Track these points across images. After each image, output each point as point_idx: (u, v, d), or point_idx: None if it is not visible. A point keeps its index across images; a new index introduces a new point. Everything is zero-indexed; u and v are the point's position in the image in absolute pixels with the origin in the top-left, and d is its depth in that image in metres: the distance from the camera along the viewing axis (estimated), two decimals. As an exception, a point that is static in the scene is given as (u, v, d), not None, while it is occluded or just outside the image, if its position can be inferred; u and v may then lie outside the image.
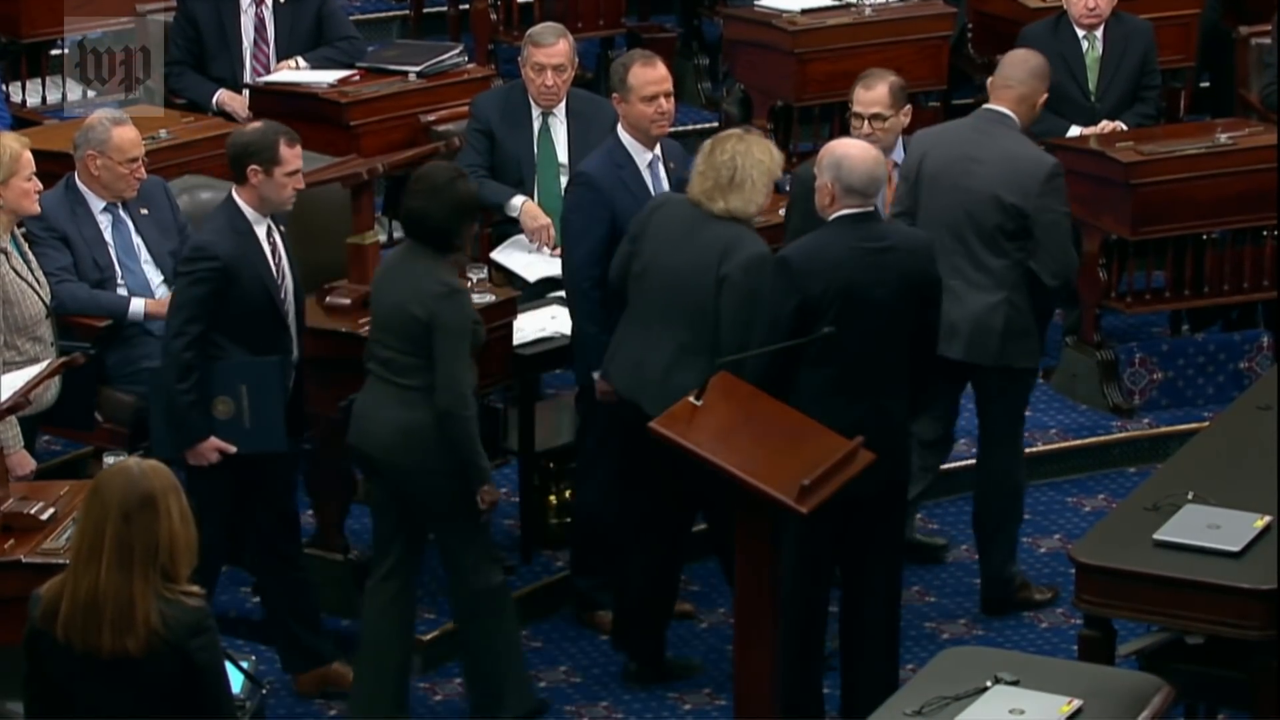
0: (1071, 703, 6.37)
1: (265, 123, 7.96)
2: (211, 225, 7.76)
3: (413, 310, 7.51)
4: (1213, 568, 7.15)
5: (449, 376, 7.50)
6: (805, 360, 7.39)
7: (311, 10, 9.86)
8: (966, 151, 8.24)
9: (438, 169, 7.83)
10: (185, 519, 5.51)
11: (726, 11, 10.52)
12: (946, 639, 8.25)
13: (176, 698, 5.50)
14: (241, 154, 7.70)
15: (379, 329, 7.68)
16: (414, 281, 7.55)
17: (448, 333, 7.50)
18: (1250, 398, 8.31)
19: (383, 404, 7.62)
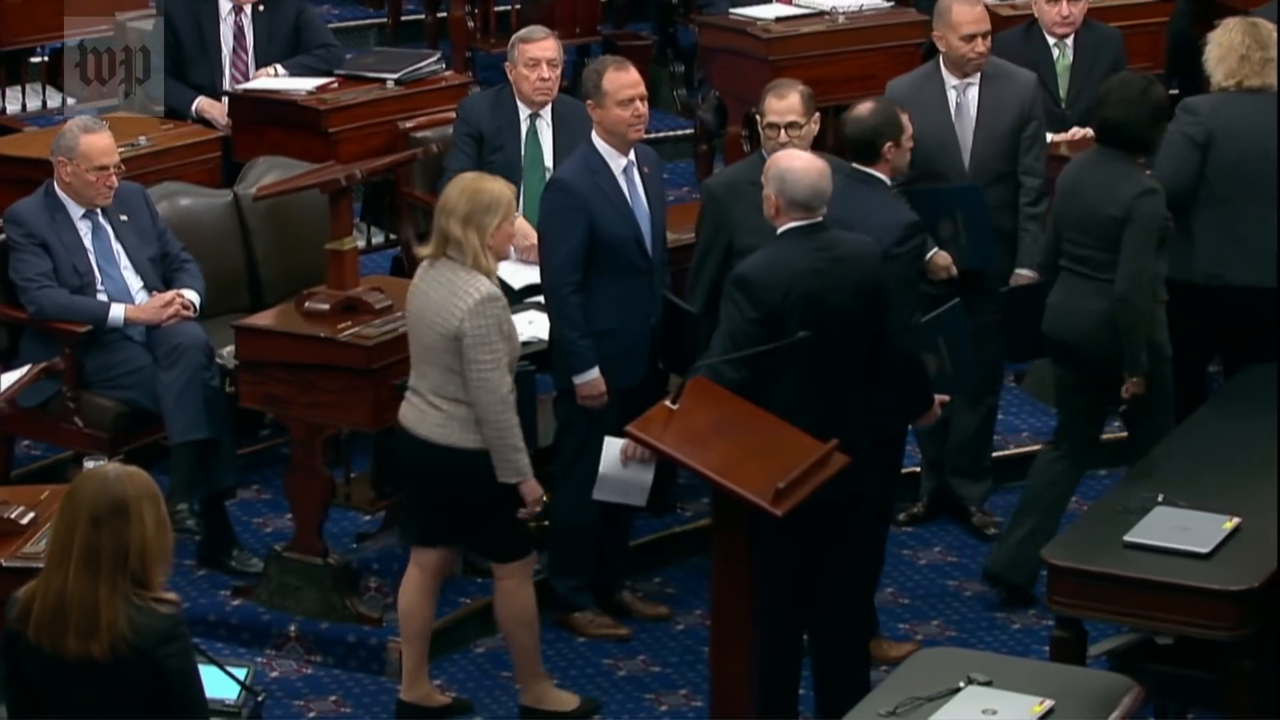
0: (1043, 703, 6.38)
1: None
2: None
3: (1110, 211, 8.09)
4: (1182, 569, 7.17)
5: (1134, 265, 8.09)
6: (767, 370, 7.39)
7: (289, 18, 9.86)
8: None
9: (1131, 79, 8.43)
10: (161, 526, 5.50)
11: (701, 19, 10.55)
12: (920, 638, 8.25)
13: (146, 702, 5.49)
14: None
15: (1076, 230, 8.24)
16: (1111, 184, 8.12)
17: (1141, 228, 8.09)
18: (1216, 402, 8.33)
19: (1082, 296, 8.22)
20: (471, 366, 7.45)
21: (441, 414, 7.54)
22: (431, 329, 7.50)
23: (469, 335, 7.43)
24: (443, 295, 7.47)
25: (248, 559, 8.51)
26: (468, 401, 7.49)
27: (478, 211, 7.48)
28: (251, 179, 9.16)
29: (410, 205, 9.40)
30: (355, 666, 8.18)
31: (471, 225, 7.47)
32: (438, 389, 7.53)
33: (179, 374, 8.29)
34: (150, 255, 8.55)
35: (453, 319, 7.44)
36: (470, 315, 7.42)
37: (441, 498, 7.66)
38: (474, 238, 7.47)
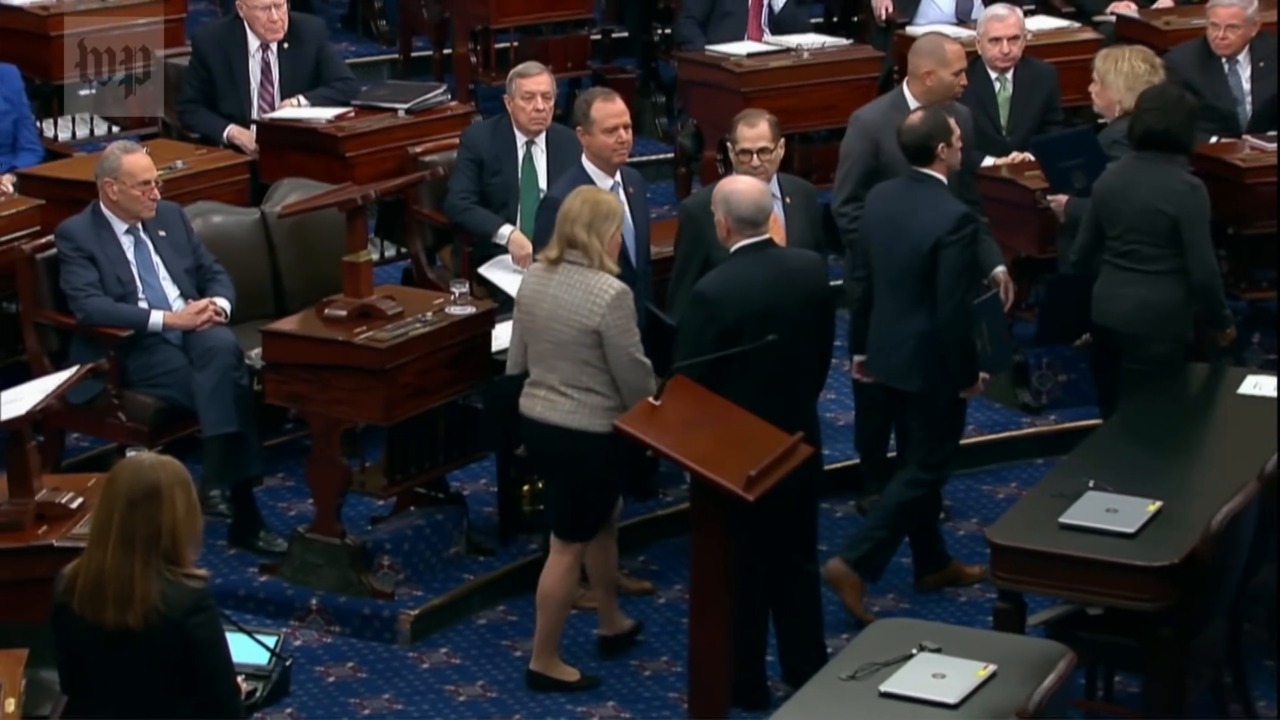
0: (987, 667, 6.39)
1: None
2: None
3: (1164, 208, 8.18)
4: (1111, 547, 7.19)
5: (1203, 254, 8.22)
6: (729, 374, 7.41)
7: (311, 54, 9.86)
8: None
9: (1166, 89, 8.59)
10: (190, 510, 5.52)
11: (680, 55, 10.54)
12: (877, 611, 8.24)
13: (177, 668, 5.51)
14: None
15: (1126, 228, 8.28)
16: (1162, 184, 8.20)
17: (1199, 221, 8.21)
18: (1143, 395, 8.33)
19: (1123, 284, 8.29)
20: (622, 352, 7.54)
21: (573, 402, 7.59)
22: (568, 326, 7.57)
23: (613, 327, 7.52)
24: (577, 296, 7.54)
25: (273, 539, 8.51)
26: (597, 390, 7.57)
27: (598, 219, 7.57)
28: (276, 198, 9.16)
29: (419, 222, 9.40)
30: (370, 636, 8.18)
31: (594, 231, 7.56)
32: (569, 380, 7.58)
33: (211, 374, 8.29)
34: (186, 267, 8.55)
35: (593, 316, 7.51)
36: (609, 310, 7.52)
37: (560, 473, 7.76)
38: (596, 242, 7.55)
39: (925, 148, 8.11)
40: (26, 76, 9.80)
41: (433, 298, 8.47)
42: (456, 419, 8.37)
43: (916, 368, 8.09)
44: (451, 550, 8.52)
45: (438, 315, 8.25)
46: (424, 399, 8.18)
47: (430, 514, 8.57)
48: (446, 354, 8.23)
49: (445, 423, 8.35)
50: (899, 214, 8.05)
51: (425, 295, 8.58)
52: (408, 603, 8.24)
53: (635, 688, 7.97)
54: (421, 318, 8.21)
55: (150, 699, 5.56)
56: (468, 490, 8.82)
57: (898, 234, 8.07)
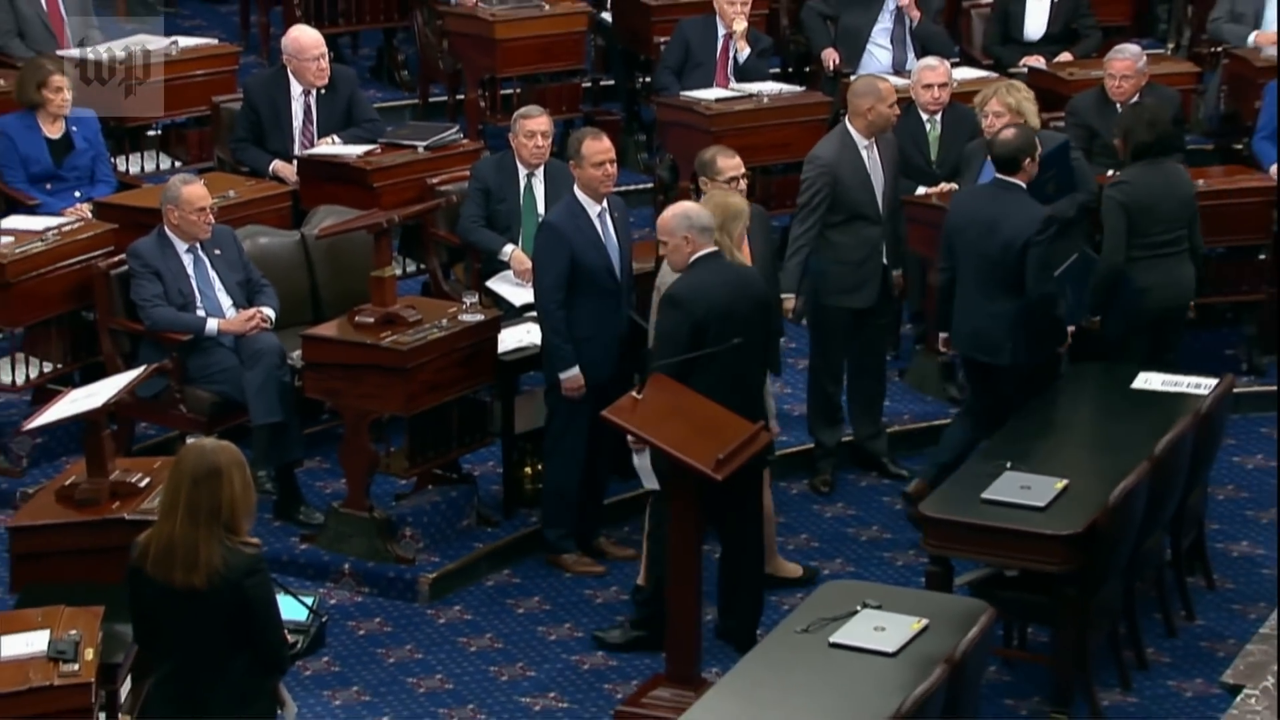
0: (921, 621, 6.42)
1: None
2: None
3: (1191, 197, 8.67)
4: (1025, 519, 7.22)
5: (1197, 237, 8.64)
6: (698, 366, 7.43)
7: (344, 100, 9.85)
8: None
9: (1142, 107, 8.97)
10: (246, 487, 5.54)
11: (658, 100, 10.55)
12: (827, 574, 8.26)
13: (235, 623, 5.54)
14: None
15: (1170, 220, 8.57)
16: (1182, 180, 8.67)
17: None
18: (1051, 392, 8.34)
19: (1179, 267, 8.61)
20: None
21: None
22: None
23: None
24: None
25: (312, 513, 8.50)
26: None
27: (728, 220, 7.72)
28: (314, 222, 9.15)
29: (435, 242, 9.39)
30: (394, 595, 8.18)
31: (724, 230, 7.67)
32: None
33: (259, 372, 8.29)
34: (237, 280, 8.55)
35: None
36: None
37: None
38: (726, 239, 7.66)
39: (1014, 159, 8.23)
40: (104, 119, 9.79)
41: (447, 307, 8.48)
42: (468, 410, 8.38)
43: (1006, 343, 8.18)
44: (463, 522, 8.53)
45: (452, 322, 8.26)
46: (440, 393, 8.19)
47: (445, 491, 8.58)
48: (459, 355, 8.25)
49: (458, 413, 8.36)
50: (990, 216, 8.18)
51: (441, 305, 8.59)
52: (426, 567, 8.25)
53: (621, 639, 7.99)
54: (438, 324, 8.22)
55: (211, 649, 5.58)
56: (477, 471, 8.82)
57: (988, 233, 8.18)
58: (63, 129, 9.47)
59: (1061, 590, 7.22)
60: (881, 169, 8.77)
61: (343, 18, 11.63)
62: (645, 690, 7.41)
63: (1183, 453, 7.64)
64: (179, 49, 10.32)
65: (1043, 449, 7.69)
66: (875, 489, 9.02)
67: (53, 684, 5.95)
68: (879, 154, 8.81)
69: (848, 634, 6.36)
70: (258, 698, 5.68)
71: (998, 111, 8.66)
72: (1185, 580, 8.09)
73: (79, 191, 9.44)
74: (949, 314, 8.42)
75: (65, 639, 6.07)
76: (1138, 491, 7.28)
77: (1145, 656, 7.70)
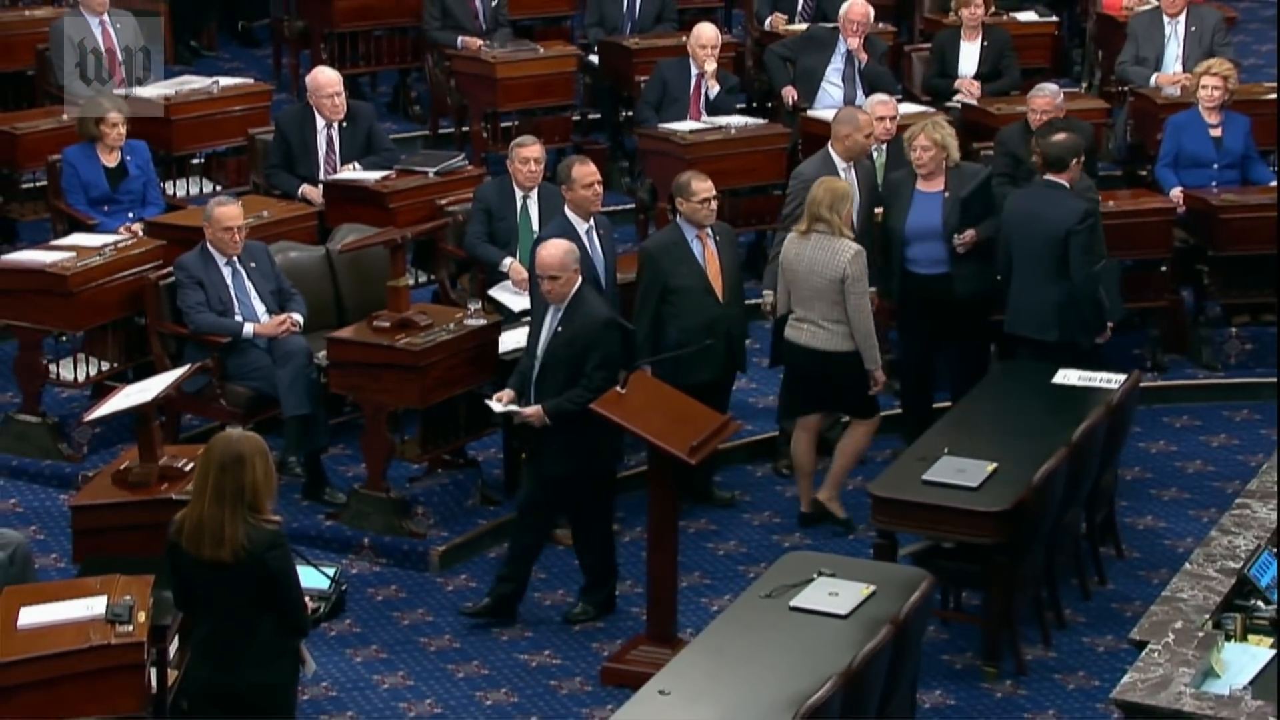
0: (869, 588, 6.41)
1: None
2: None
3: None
4: (960, 497, 7.22)
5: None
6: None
7: (364, 131, 9.81)
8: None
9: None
10: (268, 473, 5.54)
11: (639, 131, 10.51)
12: (787, 546, 8.23)
13: (259, 590, 5.54)
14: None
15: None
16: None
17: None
18: (985, 384, 8.33)
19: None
20: (854, 297, 7.93)
21: (828, 332, 7.99)
22: (821, 277, 7.97)
23: (851, 277, 7.91)
24: (825, 256, 7.95)
25: (336, 494, 8.45)
26: (843, 321, 7.95)
27: (836, 201, 7.98)
28: (338, 239, 9.11)
29: (444, 255, 9.35)
30: (409, 566, 8.14)
31: (834, 210, 7.94)
32: (824, 315, 7.99)
33: (290, 370, 8.25)
34: (270, 290, 8.51)
35: (839, 268, 7.91)
36: (850, 264, 7.92)
37: (825, 383, 8.09)
38: (835, 218, 7.93)
39: (1062, 159, 8.37)
40: (154, 149, 9.75)
41: (455, 312, 8.44)
42: (473, 403, 8.33)
43: (1055, 323, 8.28)
44: (469, 502, 8.49)
45: (459, 326, 8.22)
46: (448, 389, 8.15)
47: (453, 475, 8.54)
48: (465, 355, 8.21)
49: (464, 406, 8.31)
50: (1038, 211, 8.30)
51: (449, 311, 8.54)
52: (436, 541, 8.21)
53: (607, 603, 7.96)
54: (446, 327, 8.18)
55: (241, 614, 5.57)
56: (481, 457, 8.78)
57: (1037, 225, 8.27)
58: (118, 158, 9.43)
59: (992, 560, 7.21)
60: (857, 189, 8.75)
61: (363, 60, 11.60)
62: (628, 648, 7.38)
63: (1096, 439, 7.64)
64: (219, 88, 10.29)
65: (976, 436, 7.68)
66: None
67: (110, 642, 5.96)
68: (856, 176, 8.80)
69: (805, 599, 6.35)
70: (283, 656, 5.69)
71: (925, 145, 8.60)
72: (1098, 550, 8.09)
73: (132, 213, 9.39)
74: (1004, 301, 8.50)
75: (121, 604, 6.07)
76: (1058, 473, 7.27)
77: (1064, 617, 7.70)
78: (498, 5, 11.35)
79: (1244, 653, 5.63)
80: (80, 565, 6.88)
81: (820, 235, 7.97)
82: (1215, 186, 9.49)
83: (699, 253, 8.28)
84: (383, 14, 11.58)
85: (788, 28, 11.37)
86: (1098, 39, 11.80)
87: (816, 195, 8.00)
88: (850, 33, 10.53)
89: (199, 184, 10.25)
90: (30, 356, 8.68)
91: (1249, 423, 9.39)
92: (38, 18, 10.88)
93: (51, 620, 6.03)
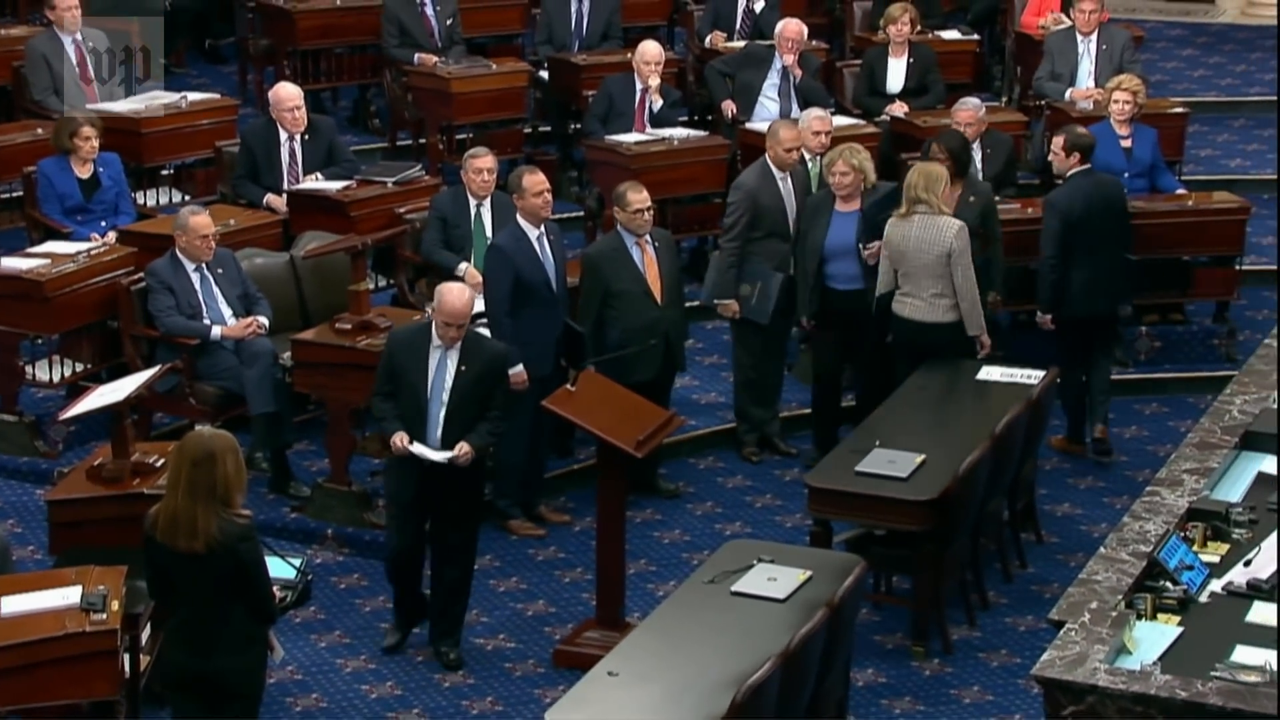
0: (806, 573, 6.42)
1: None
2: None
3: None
4: (891, 487, 7.24)
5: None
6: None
7: (326, 143, 9.76)
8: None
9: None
10: (238, 468, 5.52)
11: (587, 143, 10.50)
12: (729, 535, 8.24)
13: (231, 580, 5.52)
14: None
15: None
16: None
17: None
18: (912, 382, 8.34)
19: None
20: (960, 269, 8.04)
21: (930, 305, 8.10)
22: (927, 253, 8.06)
23: (956, 251, 8.02)
24: (931, 234, 8.06)
25: (301, 488, 8.41)
26: (944, 295, 8.06)
27: (932, 181, 8.10)
28: (301, 245, 9.05)
29: (403, 261, 9.31)
30: (371, 556, 8.07)
31: (930, 190, 8.06)
32: (928, 290, 8.09)
33: (256, 370, 8.20)
34: (237, 294, 8.46)
35: (944, 244, 8.02)
36: (955, 239, 8.04)
37: (925, 352, 8.17)
38: (934, 197, 8.06)
39: (1090, 148, 8.68)
40: (125, 161, 9.67)
41: (413, 315, 8.40)
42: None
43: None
44: (428, 494, 8.45)
45: (417, 328, 8.19)
46: (408, 387, 8.11)
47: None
48: (423, 355, 8.17)
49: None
50: (1099, 195, 8.61)
51: (407, 313, 8.51)
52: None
53: (558, 589, 7.94)
54: (405, 330, 8.14)
55: (214, 602, 5.55)
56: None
57: (1098, 205, 8.61)
58: (91, 170, 9.36)
59: (920, 545, 7.24)
60: (794, 196, 8.77)
61: (325, 76, 11.55)
62: (579, 632, 7.37)
63: (1017, 432, 7.68)
64: (188, 103, 10.23)
65: (906, 430, 7.70)
66: (768, 464, 8.98)
67: (85, 630, 5.93)
68: (793, 184, 8.82)
69: (746, 584, 6.35)
70: (253, 642, 5.67)
71: (843, 170, 8.57)
72: (1019, 536, 8.13)
73: (105, 221, 9.32)
74: (1056, 299, 8.61)
75: (95, 593, 6.03)
76: (982, 464, 7.31)
77: (987, 599, 7.73)
78: (452, 24, 11.32)
79: (1154, 630, 5.67)
80: (56, 557, 6.83)
81: (922, 215, 8.06)
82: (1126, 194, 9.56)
83: (639, 259, 8.30)
84: (343, 32, 11.54)
85: (727, 45, 11.38)
86: (1016, 56, 11.87)
87: (912, 180, 8.11)
88: (785, 49, 10.55)
89: (168, 194, 10.18)
90: (8, 358, 8.61)
91: (1158, 415, 9.47)
92: (14, 36, 10.80)
93: (29, 609, 5.98)
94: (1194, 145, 11.29)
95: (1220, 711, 5.22)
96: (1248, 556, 6.04)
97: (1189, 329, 9.94)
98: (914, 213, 8.10)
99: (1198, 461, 6.68)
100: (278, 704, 6.99)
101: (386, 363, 7.17)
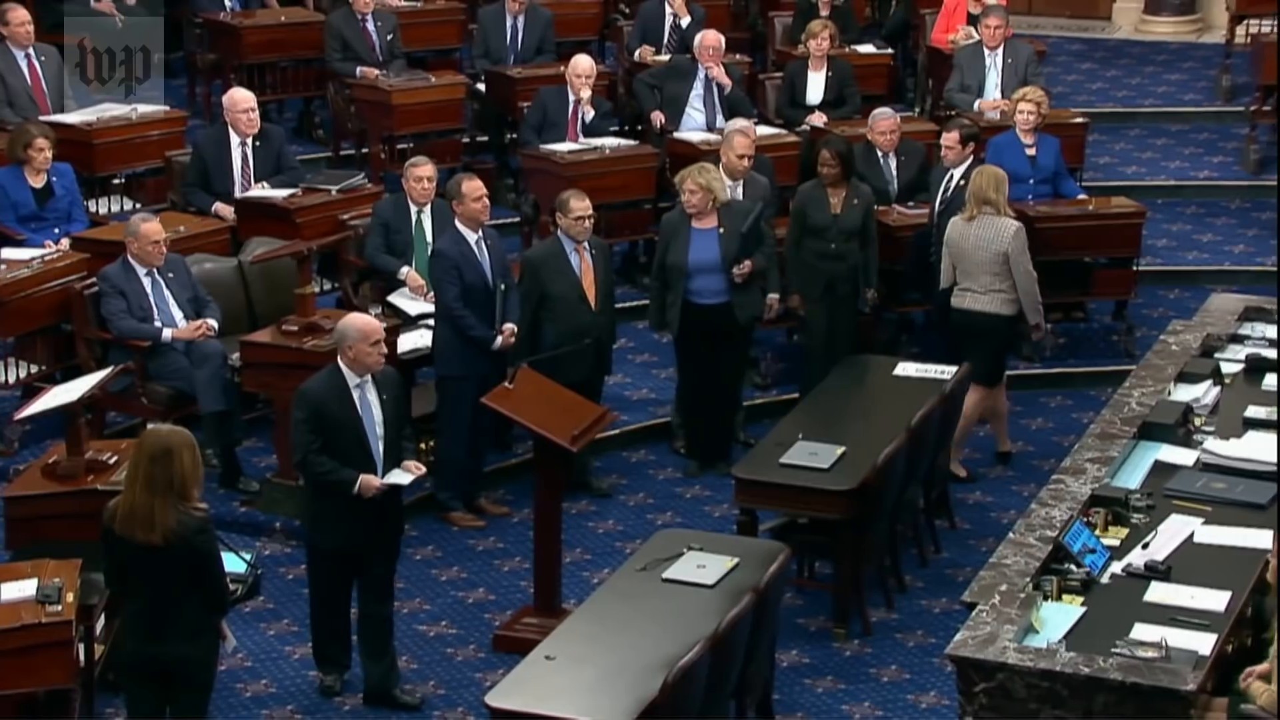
0: (733, 560, 6.44)
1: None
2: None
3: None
4: (813, 477, 7.27)
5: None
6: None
7: (274, 152, 9.69)
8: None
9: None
10: (195, 464, 5.49)
11: (523, 151, 10.47)
12: (660, 524, 8.25)
13: (188, 571, 5.48)
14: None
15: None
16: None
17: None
18: (833, 378, 8.39)
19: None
20: (1019, 267, 8.24)
21: (986, 296, 8.29)
22: (986, 251, 8.27)
23: (1014, 250, 8.23)
24: (990, 234, 8.27)
25: (249, 483, 8.36)
26: (999, 290, 8.26)
27: (1000, 182, 8.31)
28: (249, 251, 8.99)
29: (347, 265, 9.25)
30: (318, 547, 8.04)
31: (1000, 190, 8.29)
32: (987, 286, 8.28)
33: (206, 371, 8.14)
34: (187, 298, 8.38)
35: (1003, 243, 8.23)
36: (1013, 240, 8.25)
37: (968, 338, 8.33)
38: (1000, 197, 8.29)
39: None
40: (78, 170, 9.57)
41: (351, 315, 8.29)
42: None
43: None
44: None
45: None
46: (352, 386, 8.06)
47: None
48: (367, 355, 8.11)
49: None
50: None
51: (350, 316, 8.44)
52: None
53: (497, 578, 7.91)
54: (350, 331, 8.08)
55: (169, 592, 5.51)
56: (383, 447, 8.69)
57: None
58: (45, 179, 9.25)
59: (841, 533, 7.27)
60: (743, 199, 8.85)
61: (270, 89, 11.46)
62: (517, 618, 7.36)
63: (932, 424, 7.73)
64: (138, 114, 10.13)
65: (827, 423, 7.74)
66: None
67: (40, 621, 5.87)
68: (742, 192, 8.91)
69: (676, 571, 6.37)
70: (206, 631, 5.63)
71: (692, 189, 8.52)
72: (934, 522, 8.18)
73: (58, 229, 9.21)
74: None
75: (50, 585, 5.98)
76: (898, 455, 7.35)
77: (904, 582, 7.78)
78: (393, 38, 11.27)
79: (1059, 611, 5.74)
80: (13, 552, 6.75)
81: (986, 216, 8.25)
82: (1031, 200, 9.65)
83: (576, 264, 8.29)
84: (288, 47, 11.47)
85: (654, 58, 11.40)
86: (928, 69, 11.95)
87: (980, 183, 8.28)
88: (706, 58, 10.57)
89: (120, 202, 10.08)
90: (-36, 361, 8.51)
91: (1062, 408, 9.56)
92: (-33, 52, 10.65)
93: (-14, 602, 5.91)
94: (1093, 153, 11.41)
95: (1120, 685, 5.28)
96: (1145, 540, 6.12)
97: (1090, 327, 10.05)
98: (981, 214, 8.28)
99: (1099, 451, 6.75)
100: (229, 690, 6.94)
101: (311, 420, 6.50)
